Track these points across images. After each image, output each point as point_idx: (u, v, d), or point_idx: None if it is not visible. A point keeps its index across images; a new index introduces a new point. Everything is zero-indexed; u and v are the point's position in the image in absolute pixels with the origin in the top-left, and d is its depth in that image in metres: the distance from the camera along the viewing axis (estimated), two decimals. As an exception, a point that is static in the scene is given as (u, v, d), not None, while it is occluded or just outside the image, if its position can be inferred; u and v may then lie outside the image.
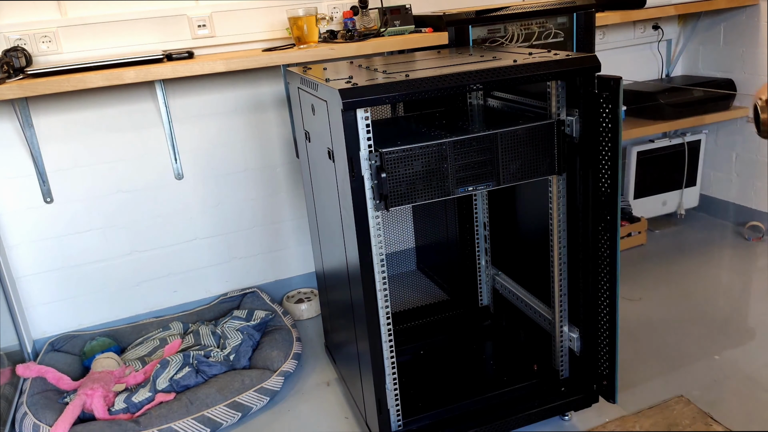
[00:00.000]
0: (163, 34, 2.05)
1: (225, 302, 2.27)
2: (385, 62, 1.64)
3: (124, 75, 1.76)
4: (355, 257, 1.32)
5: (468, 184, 1.34)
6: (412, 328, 1.95)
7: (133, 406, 1.72)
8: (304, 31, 1.98)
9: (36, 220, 2.05)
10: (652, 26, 2.73)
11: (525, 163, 1.38)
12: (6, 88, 1.66)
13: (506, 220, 1.82)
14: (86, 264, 2.14)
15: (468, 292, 2.01)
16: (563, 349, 1.59)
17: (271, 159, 2.28)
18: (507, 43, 2.01)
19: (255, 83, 2.19)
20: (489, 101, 1.74)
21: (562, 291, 1.55)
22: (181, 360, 1.84)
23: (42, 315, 2.14)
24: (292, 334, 2.02)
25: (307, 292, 2.41)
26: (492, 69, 1.29)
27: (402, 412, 1.47)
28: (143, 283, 2.24)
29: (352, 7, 2.12)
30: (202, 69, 1.83)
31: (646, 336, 1.97)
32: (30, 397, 1.75)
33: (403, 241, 2.37)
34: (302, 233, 2.40)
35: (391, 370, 1.41)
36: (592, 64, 1.32)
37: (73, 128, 2.03)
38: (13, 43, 1.89)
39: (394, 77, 1.27)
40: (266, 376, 1.81)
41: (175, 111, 2.12)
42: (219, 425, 1.70)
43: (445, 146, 1.30)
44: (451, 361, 1.78)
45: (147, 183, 2.15)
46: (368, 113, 1.23)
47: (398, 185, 1.28)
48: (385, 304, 1.36)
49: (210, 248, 2.29)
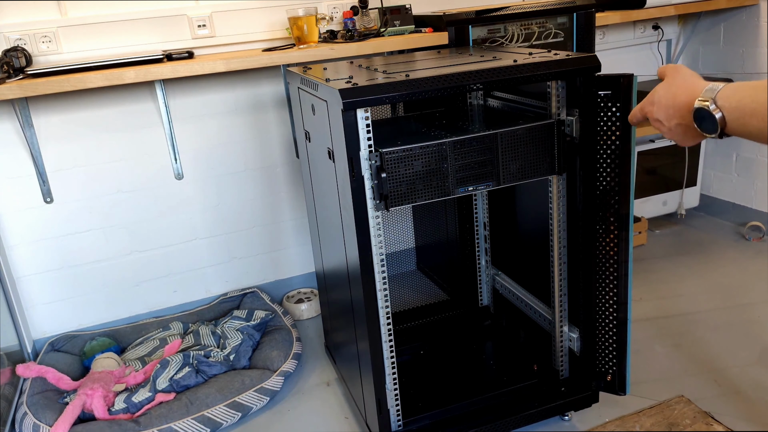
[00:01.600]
0: (163, 34, 2.05)
1: (225, 302, 2.27)
2: (385, 62, 1.64)
3: (124, 75, 1.76)
4: (355, 257, 1.32)
5: (468, 184, 1.34)
6: (412, 328, 1.95)
7: (133, 406, 1.72)
8: (304, 31, 1.98)
9: (36, 220, 2.05)
10: (652, 26, 2.73)
11: (525, 163, 1.38)
12: (6, 88, 1.66)
13: (506, 220, 1.82)
14: (86, 264, 2.14)
15: (468, 292, 2.01)
16: (563, 349, 1.59)
17: (271, 159, 2.28)
18: (507, 43, 2.01)
19: (255, 83, 2.19)
20: (489, 101, 1.74)
21: (562, 291, 1.55)
22: (181, 360, 1.84)
23: (42, 315, 2.14)
24: (292, 334, 2.02)
25: (307, 292, 2.41)
26: (492, 69, 1.29)
27: (402, 412, 1.47)
28: (143, 283, 2.24)
29: (352, 7, 2.12)
30: (202, 69, 1.83)
31: (647, 336, 1.97)
32: (30, 397, 1.75)
33: (403, 241, 2.37)
34: (302, 233, 2.40)
35: (391, 370, 1.41)
36: (593, 64, 1.32)
37: (73, 128, 2.03)
38: (13, 43, 1.89)
39: (394, 77, 1.27)
40: (266, 376, 1.81)
41: (175, 111, 2.12)
42: (219, 425, 1.70)
43: (445, 146, 1.30)
44: (451, 361, 1.77)
45: (147, 183, 2.15)
46: (368, 113, 1.23)
47: (398, 185, 1.28)
48: (385, 304, 1.36)
49: (210, 248, 2.29)
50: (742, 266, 2.37)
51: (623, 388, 1.50)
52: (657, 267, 2.42)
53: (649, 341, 1.94)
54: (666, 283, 2.29)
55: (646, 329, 2.00)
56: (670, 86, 0.97)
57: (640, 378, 1.76)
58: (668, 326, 2.01)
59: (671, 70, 0.99)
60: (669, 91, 0.97)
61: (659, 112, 0.99)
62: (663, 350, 1.89)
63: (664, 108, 0.98)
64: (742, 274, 2.30)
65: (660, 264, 2.44)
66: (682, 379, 1.74)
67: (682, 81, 0.96)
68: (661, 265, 2.43)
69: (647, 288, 2.27)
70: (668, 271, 2.39)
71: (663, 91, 0.98)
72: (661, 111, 0.99)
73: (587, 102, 1.34)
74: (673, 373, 1.78)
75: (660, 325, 2.02)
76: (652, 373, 1.78)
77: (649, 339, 1.95)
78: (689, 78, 0.95)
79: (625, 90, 1.29)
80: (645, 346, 1.91)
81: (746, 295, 2.16)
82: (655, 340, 1.94)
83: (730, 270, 2.35)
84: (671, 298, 2.18)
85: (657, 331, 1.99)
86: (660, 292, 2.24)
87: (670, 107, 0.96)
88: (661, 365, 1.82)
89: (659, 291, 2.24)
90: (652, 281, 2.31)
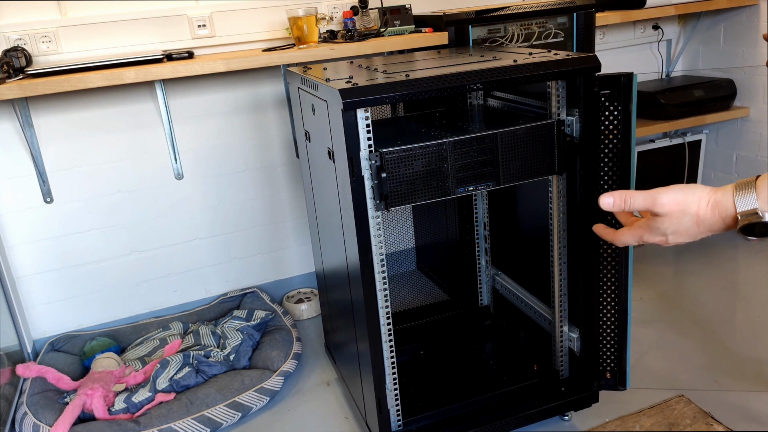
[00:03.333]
0: (163, 34, 2.05)
1: (225, 302, 2.27)
2: (385, 62, 1.64)
3: (124, 75, 1.76)
4: (355, 257, 1.32)
5: (468, 184, 1.34)
6: (412, 328, 1.95)
7: (133, 406, 1.72)
8: (304, 31, 1.98)
9: (36, 220, 2.05)
10: (652, 26, 2.73)
11: (525, 163, 1.38)
12: (6, 88, 1.66)
13: (506, 220, 1.82)
14: (86, 264, 2.14)
15: (468, 292, 2.01)
16: (563, 349, 1.59)
17: (271, 159, 2.28)
18: (507, 43, 2.01)
19: (255, 83, 2.19)
20: (489, 101, 1.74)
21: (562, 291, 1.55)
22: (181, 360, 1.84)
23: (42, 315, 2.14)
24: (292, 334, 2.02)
25: (307, 292, 2.41)
26: (492, 69, 1.29)
27: (402, 412, 1.47)
28: (143, 283, 2.24)
29: (352, 7, 2.12)
30: (202, 69, 1.83)
31: (647, 336, 1.97)
32: (30, 397, 1.75)
33: (403, 241, 2.37)
34: (302, 233, 2.40)
35: (391, 370, 1.41)
36: (593, 64, 1.32)
37: (73, 128, 2.03)
38: (13, 43, 1.89)
39: (394, 77, 1.27)
40: (266, 376, 1.81)
41: (175, 111, 2.12)
42: (219, 425, 1.70)
43: (445, 146, 1.30)
44: (451, 361, 1.77)
45: (147, 183, 2.15)
46: (368, 113, 1.23)
47: (398, 185, 1.28)
48: (385, 304, 1.36)
49: (210, 248, 2.29)
50: (743, 266, 2.37)
51: (623, 383, 1.50)
52: (657, 267, 2.42)
53: (649, 341, 1.94)
54: (666, 283, 2.29)
55: (646, 329, 2.00)
56: (683, 216, 0.86)
57: (640, 378, 1.76)
58: (668, 326, 2.01)
59: (663, 206, 0.87)
60: (682, 221, 0.86)
61: (679, 238, 0.88)
62: (663, 350, 1.89)
63: (688, 236, 0.87)
64: (743, 274, 2.30)
65: (660, 264, 2.44)
66: (682, 380, 1.74)
67: (695, 203, 0.85)
68: (661, 265, 2.43)
69: (647, 288, 2.27)
70: (668, 271, 2.39)
71: (675, 226, 0.87)
72: (682, 237, 0.88)
73: (587, 102, 1.34)
74: (673, 373, 1.78)
75: (660, 325, 2.02)
76: (652, 373, 1.78)
77: (649, 339, 1.95)
78: (695, 201, 0.85)
79: (625, 89, 1.29)
80: (645, 346, 1.91)
81: (746, 294, 2.16)
82: (655, 340, 1.94)
83: (731, 270, 2.35)
84: (671, 298, 2.18)
85: (657, 331, 1.99)
86: (660, 292, 2.24)
87: (695, 234, 0.86)
88: (661, 365, 1.82)
89: (659, 291, 2.24)
90: (653, 281, 2.31)
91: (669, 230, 0.87)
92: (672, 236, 0.88)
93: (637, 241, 0.93)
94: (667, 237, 0.88)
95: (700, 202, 0.84)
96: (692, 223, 0.85)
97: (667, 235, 0.88)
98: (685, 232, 0.87)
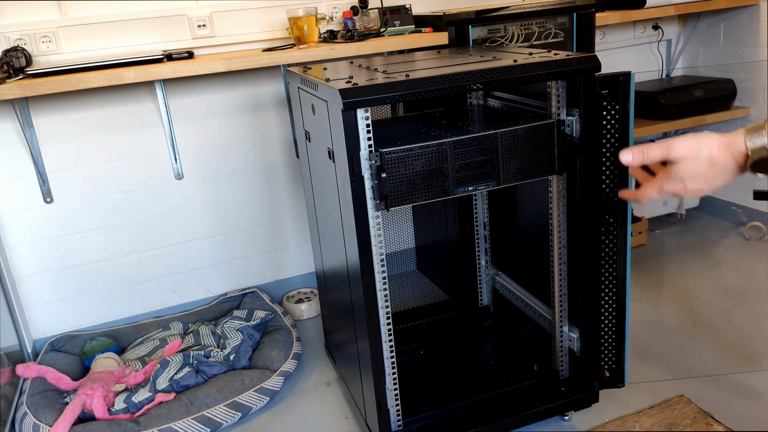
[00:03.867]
0: (163, 34, 2.05)
1: (225, 302, 2.27)
2: (385, 62, 1.64)
3: (124, 75, 1.76)
4: (355, 257, 1.32)
5: (468, 184, 1.34)
6: (412, 328, 1.95)
7: (133, 406, 1.72)
8: (304, 31, 1.98)
9: (36, 220, 2.05)
10: (652, 26, 2.73)
11: (525, 163, 1.38)
12: (6, 88, 1.66)
13: (506, 220, 1.82)
14: (86, 264, 2.14)
15: (468, 292, 2.01)
16: (563, 349, 1.59)
17: (271, 159, 2.28)
18: (507, 43, 2.01)
19: (255, 83, 2.19)
20: (489, 101, 1.74)
21: (562, 291, 1.55)
22: (181, 360, 1.84)
23: (42, 315, 2.14)
24: (292, 334, 2.02)
25: (307, 292, 2.41)
26: (492, 69, 1.29)
27: (402, 412, 1.47)
28: (143, 283, 2.24)
29: (352, 7, 2.12)
30: (202, 69, 1.83)
31: (647, 336, 1.97)
32: (30, 397, 1.75)
33: (403, 241, 2.37)
34: (302, 233, 2.40)
35: (391, 370, 1.41)
36: (593, 64, 1.32)
37: (73, 128, 2.03)
38: (13, 43, 1.89)
39: (394, 77, 1.27)
40: (266, 376, 1.81)
41: (175, 111, 2.12)
42: (219, 425, 1.70)
43: (445, 146, 1.30)
44: (451, 361, 1.77)
45: (147, 183, 2.15)
46: (368, 113, 1.23)
47: (398, 185, 1.28)
48: (385, 304, 1.36)
49: (210, 248, 2.29)
50: (742, 266, 2.37)
51: (621, 380, 1.50)
52: (657, 267, 2.42)
53: (649, 341, 1.94)
54: (666, 283, 2.29)
55: (645, 329, 2.00)
56: (697, 158, 0.91)
57: (640, 378, 1.76)
58: (668, 326, 2.01)
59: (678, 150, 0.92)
60: (698, 163, 0.91)
61: (696, 183, 0.93)
62: (663, 350, 1.89)
63: (704, 180, 0.92)
64: (742, 274, 2.30)
65: (660, 264, 2.44)
66: (682, 379, 1.74)
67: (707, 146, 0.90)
68: (661, 265, 2.43)
69: (647, 288, 2.27)
70: (668, 271, 2.39)
71: (691, 170, 0.92)
72: (699, 182, 0.93)
73: (587, 102, 1.34)
74: (673, 373, 1.78)
75: (660, 325, 2.02)
76: (652, 373, 1.78)
77: (649, 339, 1.95)
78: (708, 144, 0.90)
79: (624, 88, 1.29)
80: (645, 346, 1.91)
81: (746, 295, 2.16)
82: (655, 340, 1.94)
83: (730, 270, 2.35)
84: (671, 298, 2.18)
85: (657, 331, 1.99)
86: (660, 292, 2.24)
87: (711, 178, 0.91)
88: (661, 365, 1.82)
89: (659, 291, 2.24)
90: (652, 281, 2.31)
91: (686, 175, 0.92)
92: (689, 182, 0.93)
93: (658, 191, 0.98)
94: (685, 183, 0.93)
95: (712, 145, 0.90)
96: (706, 165, 0.91)
97: (685, 180, 0.93)
98: (701, 176, 0.92)
